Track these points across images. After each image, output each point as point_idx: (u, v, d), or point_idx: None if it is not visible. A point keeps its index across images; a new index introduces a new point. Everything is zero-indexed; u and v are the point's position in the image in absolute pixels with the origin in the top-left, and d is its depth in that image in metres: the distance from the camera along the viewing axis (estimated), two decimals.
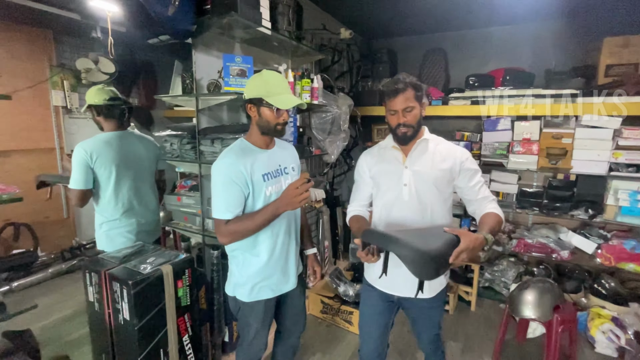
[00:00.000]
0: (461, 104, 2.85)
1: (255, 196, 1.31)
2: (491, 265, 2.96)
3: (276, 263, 1.39)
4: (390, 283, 1.41)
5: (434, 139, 1.41)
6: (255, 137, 1.35)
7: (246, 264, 1.37)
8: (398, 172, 1.37)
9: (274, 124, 1.30)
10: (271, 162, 1.37)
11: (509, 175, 2.85)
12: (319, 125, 2.73)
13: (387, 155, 1.41)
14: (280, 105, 1.27)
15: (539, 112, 2.57)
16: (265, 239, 1.36)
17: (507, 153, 2.75)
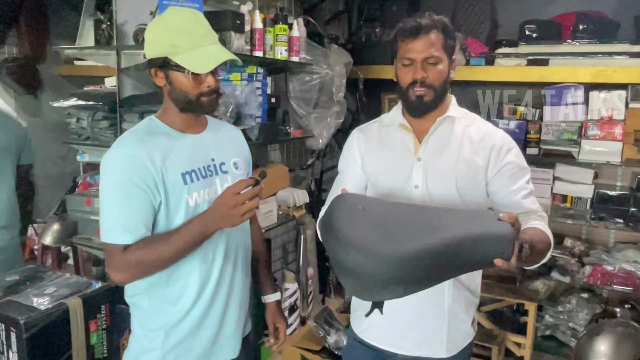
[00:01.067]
0: (513, 63, 3.02)
1: (171, 208, 1.29)
2: (554, 304, 3.15)
3: (207, 317, 1.38)
4: (386, 333, 1.44)
5: (464, 115, 1.42)
6: (171, 116, 1.35)
7: (155, 317, 1.35)
8: (406, 167, 1.38)
9: (194, 95, 1.28)
10: (198, 154, 1.36)
11: (580, 172, 3.03)
12: (300, 93, 2.86)
13: (391, 137, 1.43)
14: (196, 67, 1.24)
15: (627, 79, 2.76)
16: (188, 273, 1.33)
17: (578, 138, 2.93)
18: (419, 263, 0.99)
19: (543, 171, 3.11)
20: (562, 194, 3.10)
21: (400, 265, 0.98)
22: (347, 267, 1.00)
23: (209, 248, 1.34)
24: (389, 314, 1.40)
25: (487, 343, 2.85)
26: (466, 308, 1.44)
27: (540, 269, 3.09)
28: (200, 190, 1.33)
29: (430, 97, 1.33)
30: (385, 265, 0.98)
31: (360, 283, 1.03)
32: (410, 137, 1.41)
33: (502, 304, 3.10)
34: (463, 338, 1.46)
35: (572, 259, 3.05)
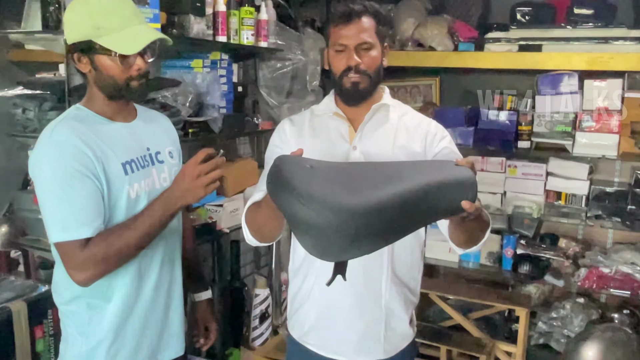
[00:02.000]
0: (504, 49, 3.12)
1: (112, 201, 1.33)
2: (547, 310, 3.26)
3: (149, 314, 1.44)
4: (324, 336, 1.51)
5: (397, 105, 1.53)
6: (99, 104, 1.38)
7: (95, 320, 1.38)
8: (342, 155, 1.44)
9: (122, 79, 1.32)
10: (134, 144, 1.40)
11: (575, 167, 3.14)
12: (271, 82, 2.93)
13: (325, 126, 1.49)
14: (123, 49, 1.27)
15: (624, 66, 2.86)
16: (127, 270, 1.38)
17: (572, 130, 3.04)
18: (386, 213, 1.00)
19: (535, 166, 3.20)
20: (555, 191, 3.19)
21: (368, 215, 0.98)
22: (310, 223, 0.99)
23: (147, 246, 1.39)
24: (328, 318, 1.51)
25: (476, 352, 2.95)
26: (405, 306, 1.53)
27: (534, 272, 3.20)
28: (140, 181, 1.39)
29: (365, 84, 1.42)
30: (352, 217, 0.97)
31: (324, 240, 1.00)
32: (345, 125, 1.49)
33: (492, 311, 3.21)
34: (401, 338, 1.55)
35: (566, 261, 3.15)
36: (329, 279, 1.16)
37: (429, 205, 1.07)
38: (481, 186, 3.52)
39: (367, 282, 1.48)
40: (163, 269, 1.48)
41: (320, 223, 0.97)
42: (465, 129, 3.25)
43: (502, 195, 3.31)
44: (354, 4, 1.42)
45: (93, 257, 1.26)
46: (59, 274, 1.39)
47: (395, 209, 1.02)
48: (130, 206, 1.36)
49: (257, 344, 2.97)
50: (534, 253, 3.23)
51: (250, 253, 3.25)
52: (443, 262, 3.47)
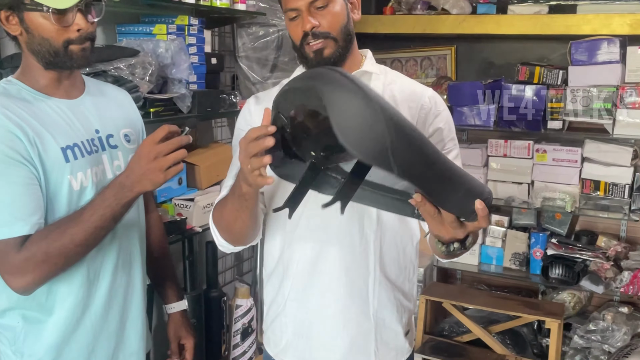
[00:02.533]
0: (531, 11, 3.06)
1: (50, 192, 1.31)
2: (584, 320, 3.21)
3: (99, 329, 1.42)
4: (304, 354, 1.51)
5: (384, 72, 1.51)
6: (34, 75, 1.34)
7: (32, 336, 1.36)
8: None
9: (60, 42, 1.29)
10: (78, 125, 1.37)
11: (616, 150, 3.07)
12: (252, 52, 2.88)
13: None
14: (57, 2, 1.24)
15: None
16: (73, 276, 1.35)
17: (613, 107, 2.97)
18: (418, 150, 1.05)
19: (569, 150, 3.15)
20: (593, 180, 3.13)
21: (405, 134, 1.02)
22: (363, 115, 0.99)
23: (98, 246, 1.37)
24: (306, 333, 1.49)
25: None
26: (398, 315, 1.51)
27: (568, 277, 3.15)
28: (86, 170, 1.35)
29: (331, 48, 1.37)
30: (395, 127, 1.00)
31: (368, 133, 0.99)
32: None
33: (518, 322, 3.16)
34: (395, 354, 1.53)
35: (606, 263, 3.10)
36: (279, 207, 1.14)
37: (451, 184, 1.09)
38: (505, 175, 3.46)
39: (351, 287, 1.46)
40: (117, 273, 1.46)
41: (373, 117, 0.99)
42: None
43: (529, 185, 3.27)
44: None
45: (32, 258, 1.24)
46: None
47: (426, 156, 1.06)
48: (73, 200, 1.34)
49: None
50: (568, 254, 3.18)
51: (230, 257, 3.22)
52: (459, 265, 3.45)
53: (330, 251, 1.45)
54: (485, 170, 3.33)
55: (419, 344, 3.18)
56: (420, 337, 3.22)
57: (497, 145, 3.29)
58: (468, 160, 3.30)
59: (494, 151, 3.30)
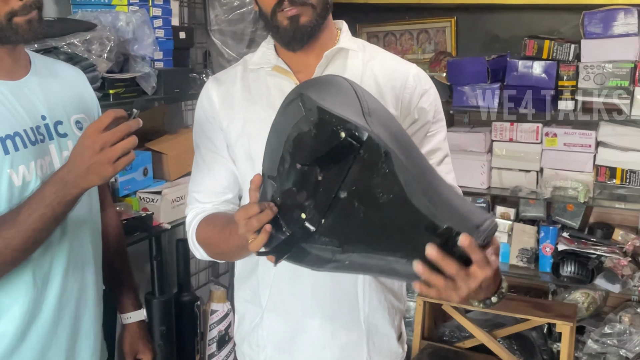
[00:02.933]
0: None
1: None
2: (599, 323, 3.22)
3: (47, 344, 1.41)
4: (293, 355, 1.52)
5: (362, 48, 1.51)
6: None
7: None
8: None
9: (2, 15, 1.28)
10: (21, 110, 1.37)
11: (635, 134, 3.08)
12: (227, 25, 2.87)
13: (263, 86, 1.47)
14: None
15: None
16: (16, 284, 1.34)
17: (630, 85, 2.97)
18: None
19: (582, 134, 3.15)
20: (609, 167, 3.14)
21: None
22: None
23: (44, 251, 1.36)
24: (289, 345, 1.49)
25: None
26: (390, 318, 1.52)
27: (581, 274, 3.16)
28: (29, 163, 1.33)
29: (308, 16, 1.37)
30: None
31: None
32: (291, 83, 1.44)
33: (526, 326, 3.18)
34: (389, 352, 1.55)
35: (623, 259, 3.11)
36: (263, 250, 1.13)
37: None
38: (511, 162, 3.48)
39: (338, 292, 1.45)
40: (69, 278, 1.44)
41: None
42: (488, 86, 3.19)
43: (538, 173, 3.27)
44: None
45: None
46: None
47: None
48: (14, 197, 1.32)
49: None
50: (581, 249, 3.19)
51: None
52: None
53: None
54: (488, 157, 3.33)
55: (416, 351, 3.19)
56: (417, 343, 3.23)
57: (502, 128, 3.28)
58: (470, 145, 3.31)
59: (499, 135, 3.30)
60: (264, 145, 1.36)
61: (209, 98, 1.51)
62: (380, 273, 1.19)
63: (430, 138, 1.49)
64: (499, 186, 3.33)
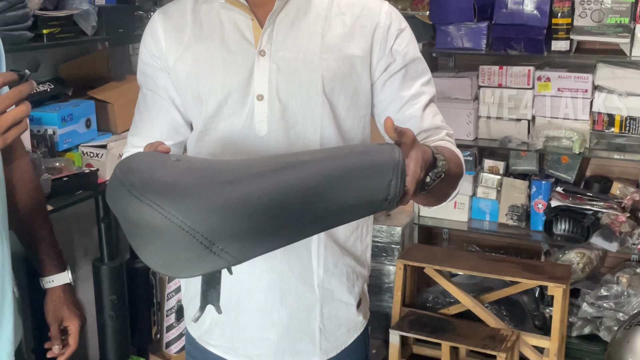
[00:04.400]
0: None
1: None
2: (595, 285, 3.26)
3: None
4: (233, 336, 1.53)
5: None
6: None
7: None
8: (244, 66, 1.42)
9: None
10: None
11: (635, 77, 3.09)
12: None
13: (216, 20, 1.45)
14: None
15: None
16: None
17: (631, 23, 2.97)
18: (256, 210, 1.08)
19: (577, 77, 3.16)
20: (607, 113, 3.16)
21: (226, 212, 1.07)
22: (148, 223, 1.05)
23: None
24: (235, 308, 1.48)
25: (491, 350, 2.96)
26: (348, 284, 1.52)
27: (576, 232, 3.19)
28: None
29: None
30: (202, 213, 1.05)
31: (169, 248, 1.07)
32: (247, 18, 1.42)
33: (516, 289, 3.22)
34: (346, 330, 1.56)
35: (622, 215, 3.14)
36: (195, 315, 1.21)
37: (328, 201, 1.13)
38: (500, 109, 3.49)
39: (289, 253, 1.45)
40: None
41: (157, 220, 1.04)
42: (474, 26, 3.19)
43: (530, 122, 3.30)
44: None
45: None
46: None
47: (270, 206, 1.09)
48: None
49: (173, 350, 2.97)
50: (576, 205, 3.23)
51: None
52: (446, 222, 3.50)
53: None
54: (475, 105, 3.34)
55: (396, 318, 3.22)
56: (397, 310, 3.25)
57: (490, 72, 3.29)
58: (454, 92, 3.31)
59: (487, 80, 3.30)
60: (214, 85, 1.41)
61: (154, 33, 1.47)
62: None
63: (410, 82, 1.48)
64: (487, 137, 3.35)
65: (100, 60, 2.72)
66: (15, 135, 1.19)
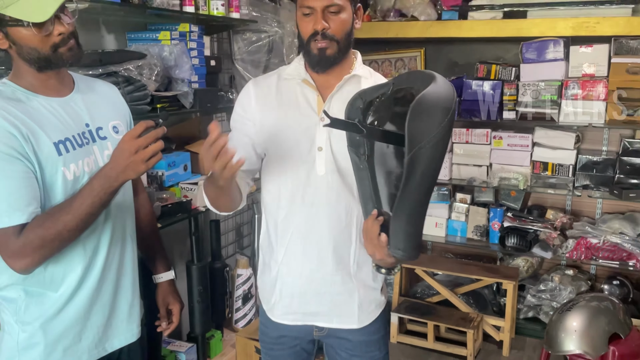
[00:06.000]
0: (488, 17, 3.06)
1: (47, 183, 1.28)
2: (536, 282, 3.24)
3: (94, 299, 1.39)
4: (294, 310, 1.52)
5: (370, 75, 1.48)
6: (27, 78, 1.31)
7: (32, 307, 1.32)
8: (309, 127, 1.41)
9: (47, 49, 1.26)
10: (69, 121, 1.34)
11: (562, 136, 3.10)
12: (247, 55, 2.86)
13: (292, 93, 1.45)
14: (33, 16, 1.21)
15: (611, 30, 2.82)
16: (70, 252, 1.33)
17: (558, 99, 3.00)
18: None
19: (521, 137, 3.17)
20: (542, 162, 3.17)
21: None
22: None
23: (92, 227, 1.34)
24: (296, 291, 1.51)
25: (463, 327, 2.95)
26: (373, 276, 1.53)
27: (521, 245, 3.18)
28: (78, 161, 1.32)
29: (333, 50, 1.36)
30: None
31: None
32: (314, 93, 1.43)
33: (479, 285, 3.20)
34: (374, 307, 1.55)
35: (554, 232, 3.13)
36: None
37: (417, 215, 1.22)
38: (467, 159, 3.54)
39: (336, 256, 1.47)
40: (111, 250, 1.42)
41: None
42: None
43: (488, 167, 3.29)
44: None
45: (30, 244, 1.21)
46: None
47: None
48: (68, 189, 1.29)
49: (240, 325, 2.95)
50: (521, 225, 3.22)
51: (232, 233, 3.21)
52: (430, 237, 3.47)
53: (322, 225, 1.45)
54: (450, 155, 3.35)
55: (395, 305, 3.21)
56: (396, 299, 3.25)
57: (460, 133, 3.30)
58: None
59: (458, 138, 3.32)
60: (289, 137, 1.43)
61: (248, 95, 1.48)
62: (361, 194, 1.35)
63: None
64: (458, 177, 3.36)
65: (194, 125, 2.75)
66: (154, 162, 1.21)
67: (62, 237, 1.24)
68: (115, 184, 1.24)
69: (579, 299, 2.33)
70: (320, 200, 1.44)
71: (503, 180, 3.21)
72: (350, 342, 1.54)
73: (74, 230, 1.25)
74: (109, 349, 1.46)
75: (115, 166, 1.22)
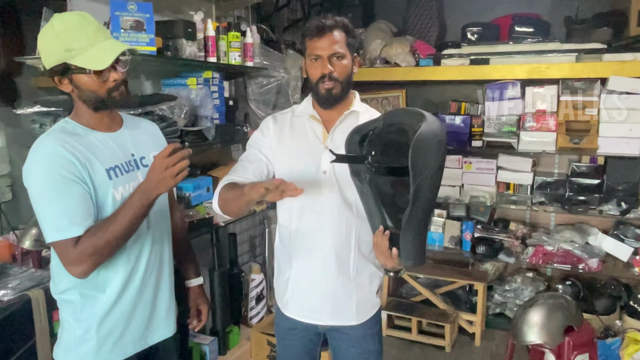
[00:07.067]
0: (457, 63, 3.10)
1: (99, 203, 1.30)
2: (502, 283, 3.24)
3: (137, 300, 1.40)
4: (303, 307, 1.54)
5: (366, 110, 1.51)
6: (85, 117, 1.34)
7: (87, 307, 1.34)
8: (316, 154, 1.45)
9: (104, 92, 1.29)
10: (118, 151, 1.36)
11: (521, 161, 3.13)
12: (259, 96, 2.90)
13: (303, 126, 1.49)
14: (95, 65, 1.24)
15: (558, 74, 2.86)
16: (117, 259, 1.34)
17: (517, 130, 3.03)
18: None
19: (487, 161, 3.19)
20: (505, 182, 3.19)
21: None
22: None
23: (134, 238, 1.34)
24: (304, 291, 1.52)
25: (442, 322, 2.94)
26: (369, 279, 1.53)
27: (489, 252, 3.17)
28: (125, 185, 1.34)
29: (337, 89, 1.41)
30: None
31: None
32: (320, 127, 1.47)
33: (455, 286, 3.19)
34: (370, 306, 1.55)
35: (516, 241, 3.14)
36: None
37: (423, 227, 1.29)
38: (443, 180, 3.63)
39: (338, 261, 1.48)
40: (152, 256, 1.43)
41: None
42: None
43: (460, 187, 3.30)
44: (326, 19, 1.40)
45: (85, 251, 1.22)
46: (55, 268, 1.35)
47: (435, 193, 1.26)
48: (116, 207, 1.31)
49: (254, 321, 2.94)
50: (489, 236, 3.22)
51: (246, 244, 3.22)
52: None
53: (326, 236, 1.47)
54: None
55: (384, 304, 3.20)
56: (385, 299, 3.24)
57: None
58: None
59: None
60: (299, 162, 1.45)
61: (267, 126, 1.52)
62: (367, 211, 1.37)
63: None
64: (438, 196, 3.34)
65: (216, 154, 2.78)
66: (182, 178, 1.22)
67: (111, 245, 1.25)
68: (150, 197, 1.25)
69: (538, 297, 2.33)
70: (324, 215, 1.45)
71: (473, 198, 3.22)
72: (349, 335, 1.54)
73: (120, 238, 1.26)
74: (150, 343, 1.46)
75: (149, 182, 1.23)
